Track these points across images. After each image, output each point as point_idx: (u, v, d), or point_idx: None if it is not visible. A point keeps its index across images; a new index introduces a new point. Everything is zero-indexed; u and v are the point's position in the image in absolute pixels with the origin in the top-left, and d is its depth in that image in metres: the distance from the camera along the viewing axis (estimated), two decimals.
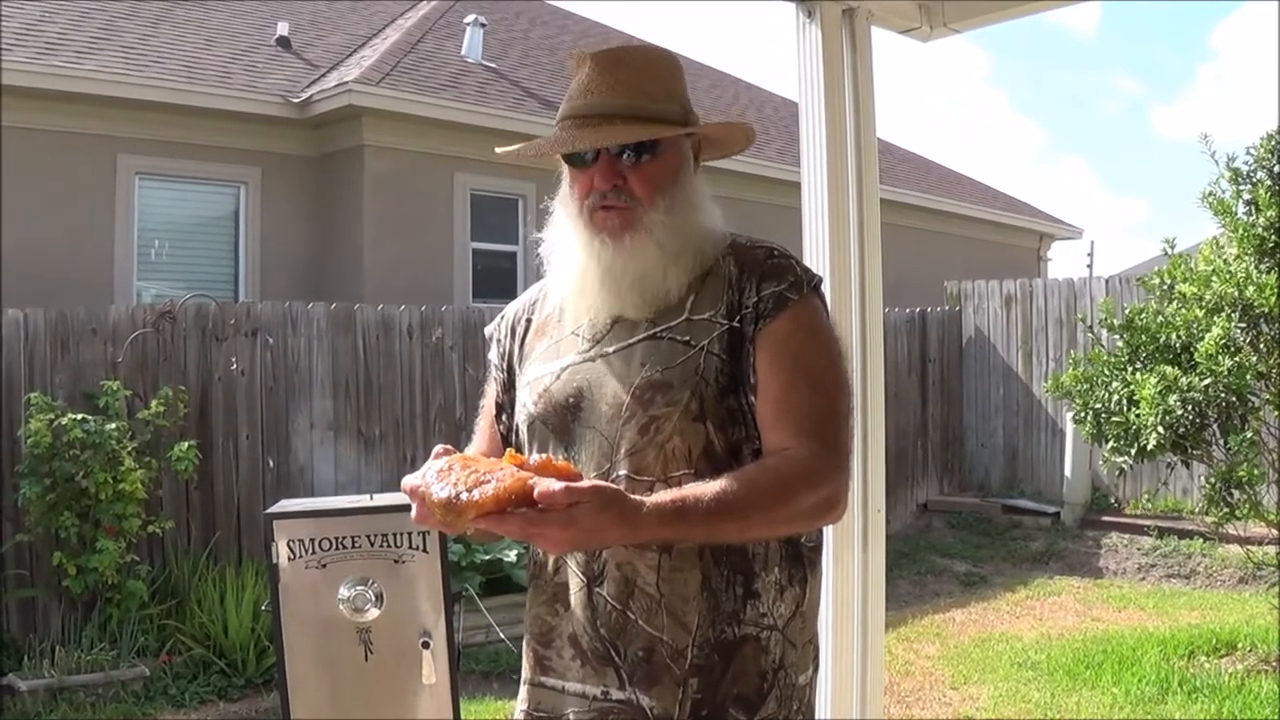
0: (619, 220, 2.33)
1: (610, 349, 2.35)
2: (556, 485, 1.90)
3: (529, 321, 2.57)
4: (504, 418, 2.59)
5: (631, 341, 2.33)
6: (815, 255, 3.78)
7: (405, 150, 13.12)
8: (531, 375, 2.45)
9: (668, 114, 2.38)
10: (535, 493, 1.89)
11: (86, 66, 11.79)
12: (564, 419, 2.34)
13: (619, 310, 2.36)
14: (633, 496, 2.03)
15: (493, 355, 2.65)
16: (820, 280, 2.43)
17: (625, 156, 2.33)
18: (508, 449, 2.30)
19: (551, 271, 2.52)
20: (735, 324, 2.30)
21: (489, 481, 1.91)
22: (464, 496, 1.90)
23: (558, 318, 2.49)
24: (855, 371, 3.79)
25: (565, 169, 2.44)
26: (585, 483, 1.97)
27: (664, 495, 2.07)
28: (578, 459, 2.29)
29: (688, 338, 2.30)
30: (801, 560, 2.35)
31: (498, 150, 2.57)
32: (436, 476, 1.98)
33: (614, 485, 2.04)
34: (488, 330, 2.70)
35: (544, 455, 2.08)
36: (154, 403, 8.06)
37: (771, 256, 2.38)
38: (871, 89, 3.98)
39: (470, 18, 15.19)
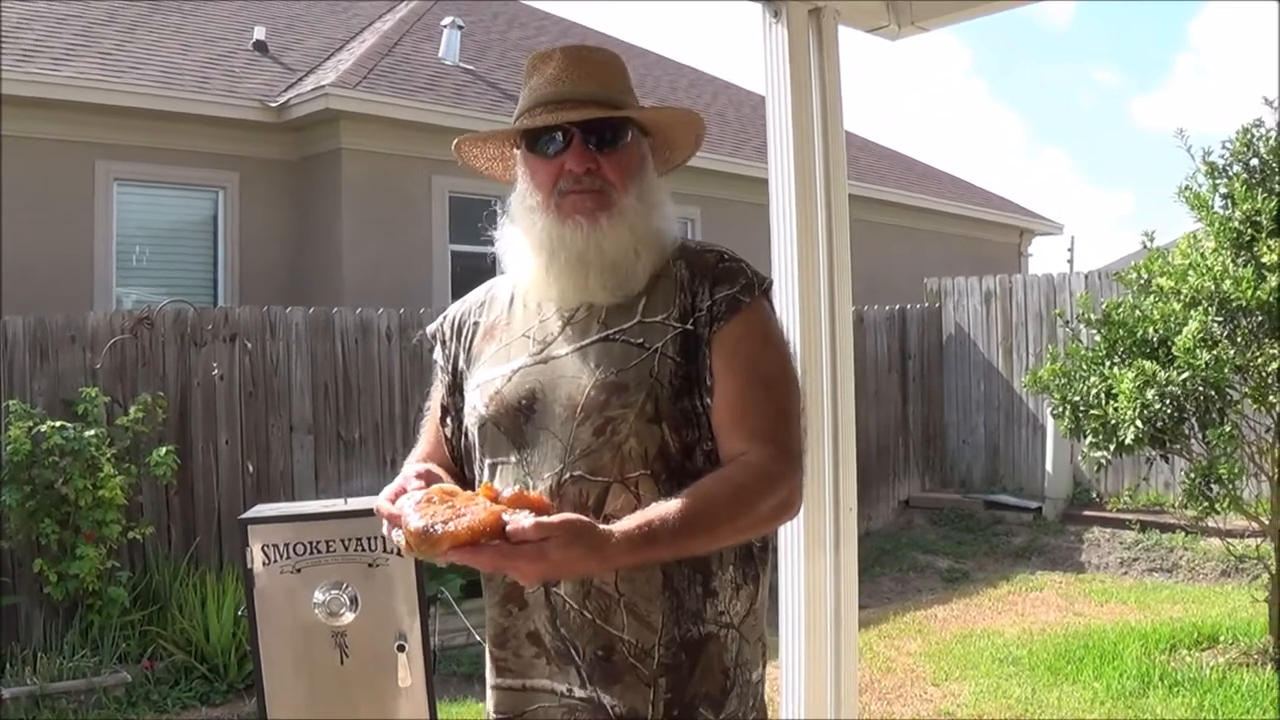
0: (593, 202, 2.35)
1: (562, 351, 2.36)
2: (528, 520, 1.93)
3: (476, 324, 2.57)
4: (449, 421, 2.59)
5: (584, 344, 2.34)
6: (783, 253, 3.78)
7: (383, 153, 13.08)
8: (481, 378, 2.45)
9: (632, 105, 2.44)
10: (507, 529, 1.93)
11: (63, 73, 11.75)
12: (516, 421, 2.35)
13: (584, 298, 2.37)
14: (602, 527, 2.03)
15: (437, 356, 2.66)
16: (771, 283, 2.45)
17: (595, 144, 2.36)
18: (483, 482, 2.31)
19: (507, 269, 2.54)
20: (689, 327, 2.32)
21: (465, 515, 1.96)
22: (439, 528, 1.94)
23: (506, 320, 2.50)
24: (825, 368, 3.81)
25: (522, 167, 2.46)
26: (556, 517, 1.98)
27: (630, 523, 2.08)
28: (531, 460, 2.31)
29: (641, 340, 2.31)
30: (754, 558, 2.38)
31: (459, 147, 2.60)
32: (414, 508, 2.02)
33: (584, 518, 2.03)
34: (430, 330, 2.71)
35: (517, 488, 2.11)
36: (133, 409, 8.06)
37: (722, 260, 2.40)
38: (839, 88, 3.98)
39: (447, 20, 15.17)
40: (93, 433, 7.63)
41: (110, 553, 7.74)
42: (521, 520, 1.93)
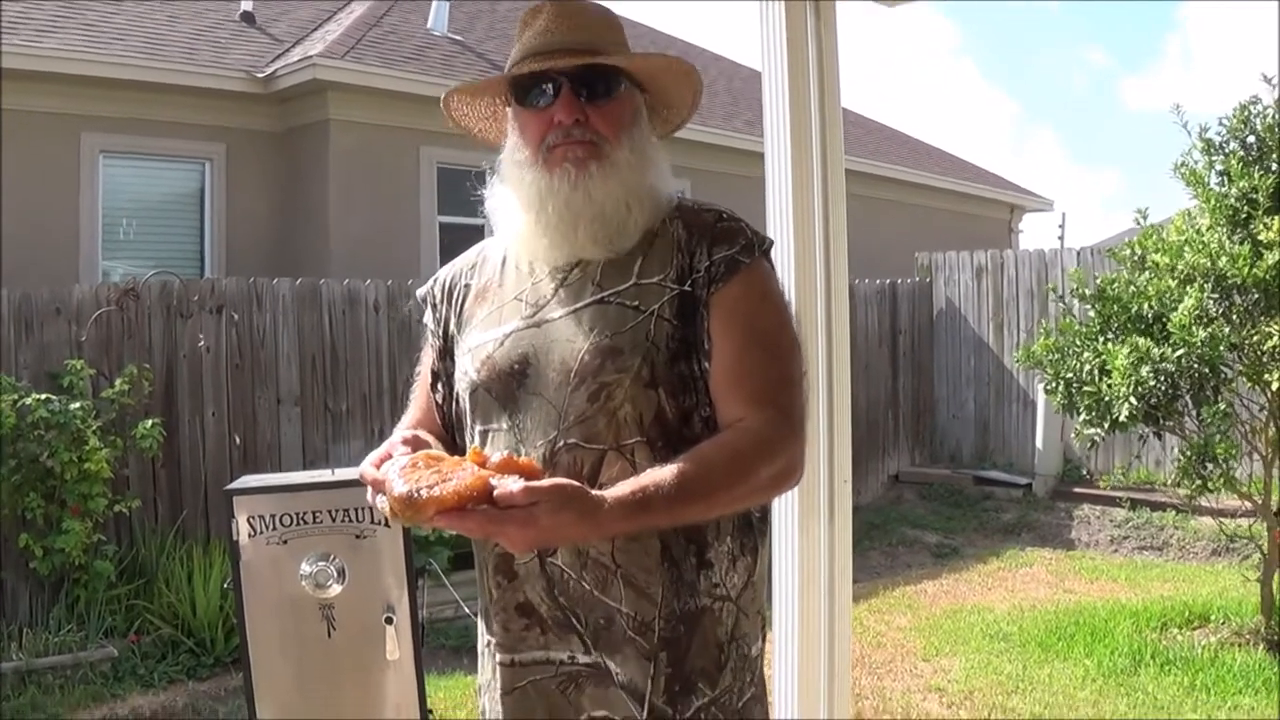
0: (583, 151, 2.27)
1: (556, 314, 2.29)
2: (516, 485, 1.88)
3: (467, 287, 2.50)
4: (439, 386, 2.52)
5: (578, 306, 2.28)
6: (779, 226, 3.74)
7: (371, 124, 12.98)
8: (473, 342, 2.38)
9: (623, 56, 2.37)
10: (495, 493, 1.88)
11: (48, 44, 11.64)
12: (509, 386, 2.28)
13: (574, 252, 2.31)
14: (594, 493, 1.98)
15: (428, 320, 2.59)
16: (771, 243, 2.39)
17: (585, 95, 2.28)
18: (471, 447, 2.24)
19: (497, 229, 2.47)
20: (686, 288, 2.26)
21: (451, 480, 1.91)
22: (423, 493, 1.89)
23: (499, 282, 2.43)
24: (820, 342, 3.77)
25: (512, 122, 2.39)
26: (545, 481, 1.93)
27: (624, 488, 2.02)
28: (524, 426, 2.25)
29: (636, 302, 2.25)
30: (752, 529, 2.32)
31: (448, 103, 2.51)
32: (399, 473, 1.97)
33: (575, 483, 1.98)
34: (420, 293, 2.63)
35: (506, 453, 2.04)
36: (118, 381, 8.00)
37: (721, 219, 2.34)
38: (836, 58, 3.93)
39: None
40: (78, 405, 7.57)
41: (96, 526, 7.71)
42: (509, 485, 1.88)
